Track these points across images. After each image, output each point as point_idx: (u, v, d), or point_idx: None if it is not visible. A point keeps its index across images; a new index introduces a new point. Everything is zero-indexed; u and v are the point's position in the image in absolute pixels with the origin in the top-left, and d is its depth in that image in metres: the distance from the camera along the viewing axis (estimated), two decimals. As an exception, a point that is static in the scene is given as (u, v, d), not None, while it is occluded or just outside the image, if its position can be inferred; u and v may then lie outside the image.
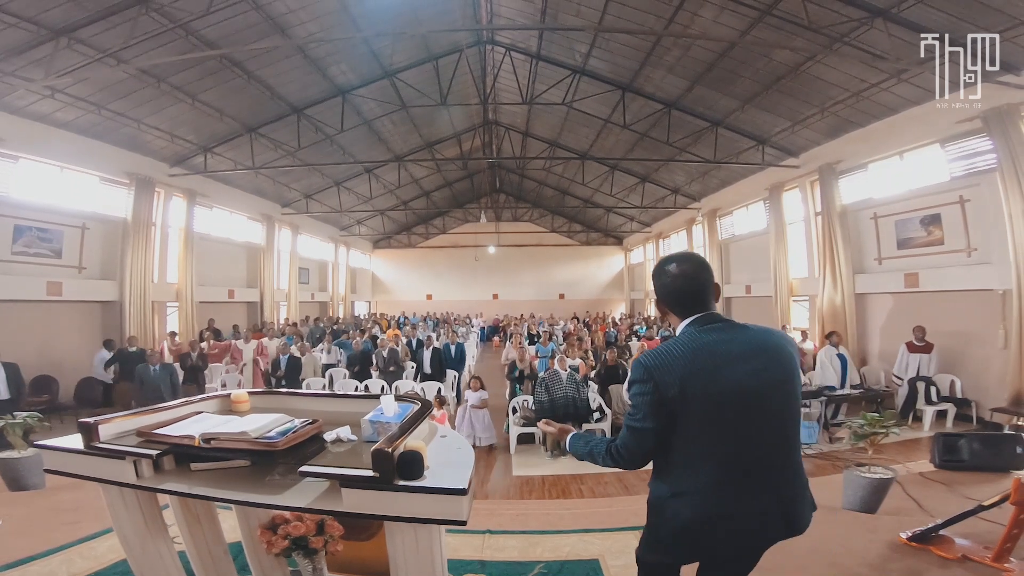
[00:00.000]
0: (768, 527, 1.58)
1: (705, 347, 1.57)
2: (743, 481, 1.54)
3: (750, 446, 1.54)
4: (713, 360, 1.54)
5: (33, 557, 3.38)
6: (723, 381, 1.52)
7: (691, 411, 1.52)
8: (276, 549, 2.27)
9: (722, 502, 1.54)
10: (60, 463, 2.02)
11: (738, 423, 1.53)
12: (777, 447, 1.59)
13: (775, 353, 1.61)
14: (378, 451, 1.61)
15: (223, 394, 2.61)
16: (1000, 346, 7.11)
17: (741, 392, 1.52)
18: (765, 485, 1.56)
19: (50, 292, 8.94)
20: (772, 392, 1.57)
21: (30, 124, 8.42)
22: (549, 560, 3.43)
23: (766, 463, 1.57)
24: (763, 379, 1.55)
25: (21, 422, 4.91)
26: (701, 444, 1.55)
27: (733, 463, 1.54)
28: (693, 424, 1.53)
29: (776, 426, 1.58)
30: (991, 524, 3.41)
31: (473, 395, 6.97)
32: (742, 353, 1.56)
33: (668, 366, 1.54)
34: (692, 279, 1.68)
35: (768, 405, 1.56)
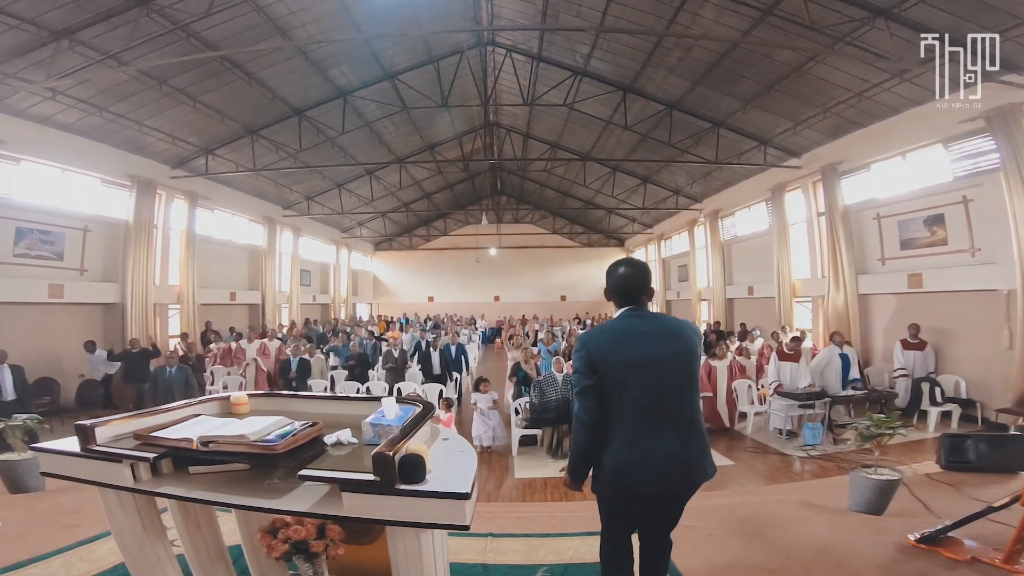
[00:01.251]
0: (674, 471, 2.01)
1: (625, 327, 2.11)
2: (653, 432, 2.01)
3: (657, 403, 2.02)
4: (629, 335, 2.07)
5: (33, 560, 3.35)
6: (635, 350, 2.03)
7: (612, 374, 2.01)
8: (276, 553, 2.24)
9: (638, 448, 2.00)
10: (57, 466, 1.99)
11: (646, 383, 2.01)
12: (678, 407, 2.06)
13: (677, 334, 2.12)
14: (379, 455, 1.58)
15: (222, 396, 2.58)
16: (1005, 346, 7.07)
17: (648, 359, 2.02)
18: (671, 436, 2.01)
19: (52, 294, 8.95)
20: (672, 361, 2.06)
21: (32, 126, 8.44)
22: (552, 563, 3.39)
23: (670, 418, 2.03)
24: (666, 350, 2.05)
25: (21, 424, 4.89)
26: (620, 402, 2.02)
27: (645, 417, 2.02)
28: (615, 385, 2.02)
29: (677, 388, 2.06)
30: (1000, 526, 3.37)
31: (483, 397, 6.93)
32: (651, 331, 2.09)
33: (597, 339, 2.11)
34: (631, 280, 2.20)
35: (669, 371, 2.04)
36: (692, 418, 2.10)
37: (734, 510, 4.23)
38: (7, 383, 6.98)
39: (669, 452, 2.00)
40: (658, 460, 1.99)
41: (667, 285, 20.43)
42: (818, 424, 6.80)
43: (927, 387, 7.44)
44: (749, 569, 3.20)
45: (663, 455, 1.99)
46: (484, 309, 24.65)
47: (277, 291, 16.43)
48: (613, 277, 2.26)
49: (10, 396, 6.94)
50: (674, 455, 2.00)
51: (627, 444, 2.01)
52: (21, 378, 7.16)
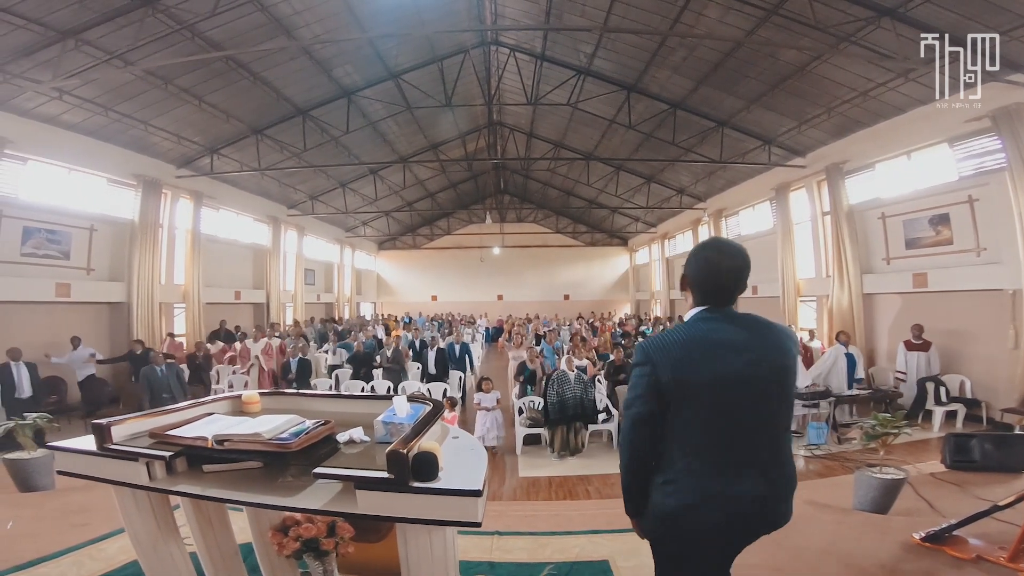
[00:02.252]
0: (755, 515, 1.59)
1: (702, 335, 1.61)
2: (733, 469, 1.56)
3: (738, 433, 1.56)
4: (708, 348, 1.58)
5: (44, 558, 3.38)
6: (716, 368, 1.55)
7: (683, 396, 1.55)
8: (287, 551, 2.26)
9: (710, 488, 1.55)
10: (73, 465, 2.02)
11: (728, 410, 1.55)
12: (765, 436, 1.61)
13: (772, 345, 1.63)
14: (393, 452, 1.60)
15: (234, 395, 2.60)
16: (1010, 346, 7.05)
17: (733, 380, 1.54)
18: (755, 473, 1.57)
19: (59, 293, 8.99)
20: (764, 382, 1.58)
21: (38, 126, 8.48)
22: (558, 561, 3.41)
23: (757, 451, 1.59)
24: (757, 369, 1.56)
25: (31, 423, 4.93)
26: (690, 430, 1.57)
27: (720, 449, 1.56)
28: (684, 410, 1.56)
29: (766, 415, 1.60)
30: (1006, 525, 3.37)
31: (486, 396, 6.95)
32: (738, 342, 1.58)
33: (667, 351, 1.59)
34: (727, 271, 1.66)
35: (759, 395, 1.57)
36: (782, 449, 1.67)
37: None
38: (24, 381, 7.07)
39: (752, 494, 1.56)
40: (735, 502, 1.55)
41: (671, 284, 20.41)
42: (823, 424, 6.80)
43: (932, 387, 7.43)
44: (755, 568, 3.20)
45: (743, 497, 1.55)
46: (487, 308, 24.67)
47: (282, 290, 16.48)
48: (701, 264, 1.69)
49: (27, 393, 7.05)
50: (758, 497, 1.57)
51: (695, 481, 1.56)
52: (35, 376, 7.27)
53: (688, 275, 1.73)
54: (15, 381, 7.01)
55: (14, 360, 7.10)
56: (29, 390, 7.08)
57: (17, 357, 7.12)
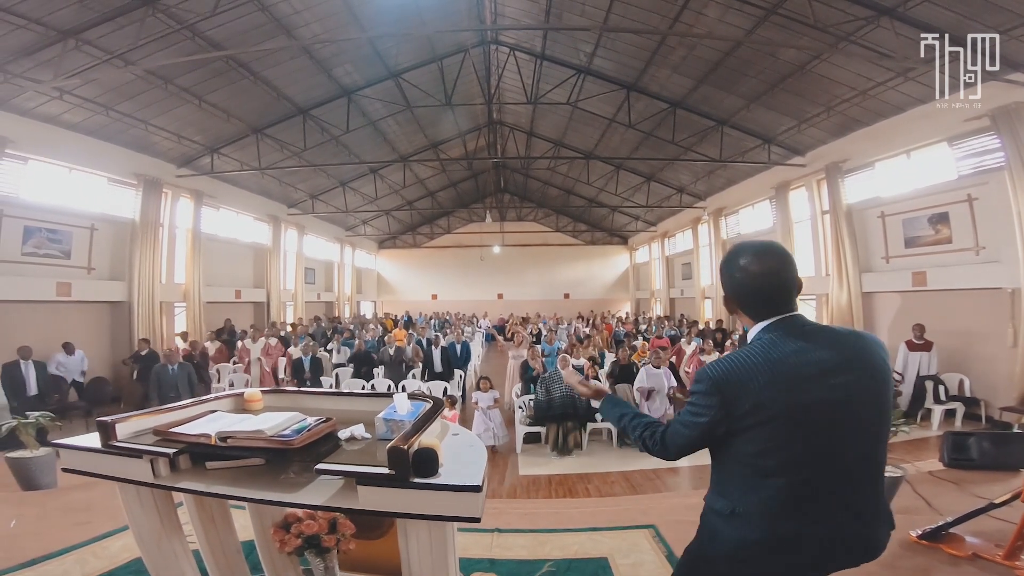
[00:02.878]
0: (835, 553, 1.41)
1: (786, 358, 1.37)
2: (814, 502, 1.36)
3: (829, 465, 1.36)
4: (796, 372, 1.36)
5: (47, 556, 3.40)
6: (807, 396, 1.34)
7: (766, 425, 1.34)
8: (289, 548, 2.28)
9: (788, 524, 1.36)
10: (77, 462, 2.03)
11: (819, 441, 1.35)
12: (860, 466, 1.41)
13: (867, 363, 1.42)
14: (394, 448, 1.62)
15: (236, 393, 2.62)
16: (1009, 345, 7.07)
17: (826, 407, 1.35)
18: (839, 506, 1.38)
19: (60, 293, 9.01)
20: (862, 407, 1.39)
21: (39, 126, 8.49)
22: (558, 558, 3.43)
23: (843, 483, 1.38)
24: (852, 392, 1.37)
25: (34, 422, 4.96)
26: (773, 460, 1.36)
27: (806, 483, 1.36)
28: (766, 438, 1.35)
29: (862, 443, 1.40)
30: (1002, 523, 3.39)
31: (484, 396, 6.97)
32: (829, 364, 1.37)
33: (741, 380, 1.37)
34: (771, 276, 1.46)
35: (856, 421, 1.38)
36: (874, 479, 1.45)
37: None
38: (31, 378, 7.13)
39: (833, 532, 1.38)
40: (813, 540, 1.37)
41: (671, 283, 20.44)
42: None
43: (931, 385, 7.44)
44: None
45: (824, 536, 1.37)
46: (487, 307, 24.69)
47: (282, 289, 16.51)
48: (737, 274, 1.49)
49: (34, 391, 7.14)
50: (840, 535, 1.39)
51: (766, 516, 1.38)
52: (44, 374, 7.34)
53: (729, 293, 1.54)
54: (24, 379, 7.06)
55: (24, 359, 7.16)
56: (36, 388, 7.14)
57: (28, 356, 7.19)
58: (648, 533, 3.75)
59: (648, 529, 3.81)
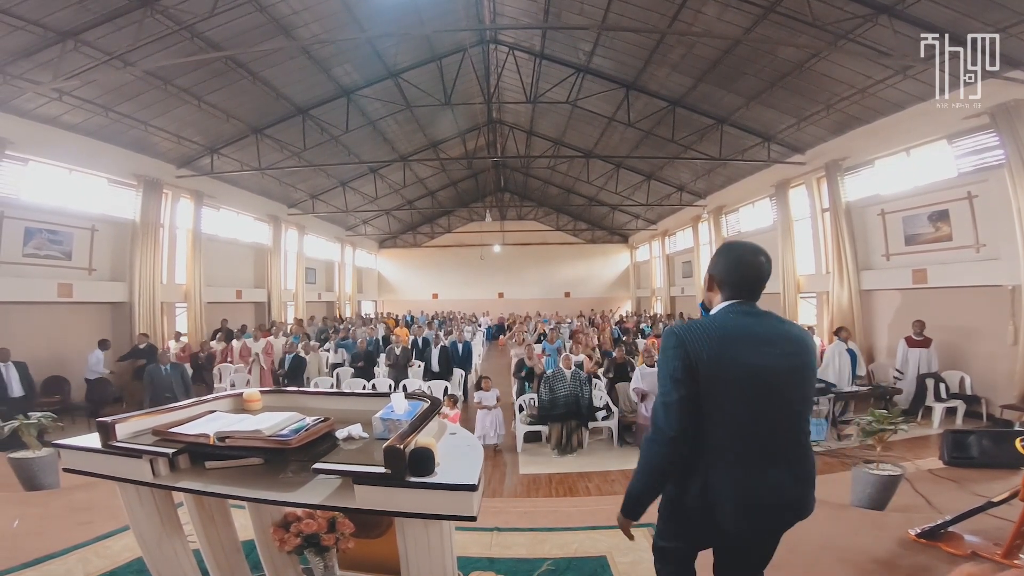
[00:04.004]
0: (782, 504, 1.63)
1: (734, 327, 1.64)
2: (760, 465, 1.58)
3: (767, 424, 1.59)
4: (742, 338, 1.61)
5: (50, 556, 3.42)
6: (749, 359, 1.58)
7: (714, 386, 1.56)
8: (288, 547, 2.30)
9: (739, 477, 1.57)
10: (78, 462, 2.05)
11: (758, 401, 1.57)
12: (791, 428, 1.65)
13: (798, 343, 1.67)
14: (390, 448, 1.64)
15: (235, 393, 2.64)
16: (1010, 342, 7.06)
17: (765, 371, 1.58)
18: (780, 462, 1.61)
19: (61, 294, 9.03)
20: (792, 376, 1.63)
21: (39, 127, 8.50)
22: (557, 557, 3.44)
23: (781, 442, 1.62)
24: (786, 363, 1.61)
25: (36, 422, 4.97)
26: (720, 420, 1.57)
27: (750, 440, 1.58)
28: (715, 399, 1.57)
29: (791, 409, 1.64)
30: (1001, 521, 3.40)
31: (486, 395, 6.98)
32: (768, 336, 1.63)
33: (699, 337, 1.60)
34: (757, 269, 1.71)
35: (787, 387, 1.62)
36: (803, 442, 1.70)
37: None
38: (14, 380, 7.09)
39: (780, 489, 1.60)
40: (764, 498, 1.59)
41: (671, 281, 20.43)
42: (822, 420, 6.82)
43: (932, 383, 7.44)
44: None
45: (772, 492, 1.60)
46: (488, 306, 24.70)
47: (283, 289, 16.52)
48: (730, 262, 1.75)
49: (18, 393, 7.06)
50: (785, 492, 1.62)
51: (722, 477, 1.59)
52: (26, 375, 7.27)
53: (717, 273, 1.77)
54: (5, 381, 7.02)
55: (3, 361, 7.07)
56: (20, 390, 7.08)
57: (6, 358, 7.09)
58: (647, 531, 3.73)
59: (647, 527, 3.80)
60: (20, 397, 6.99)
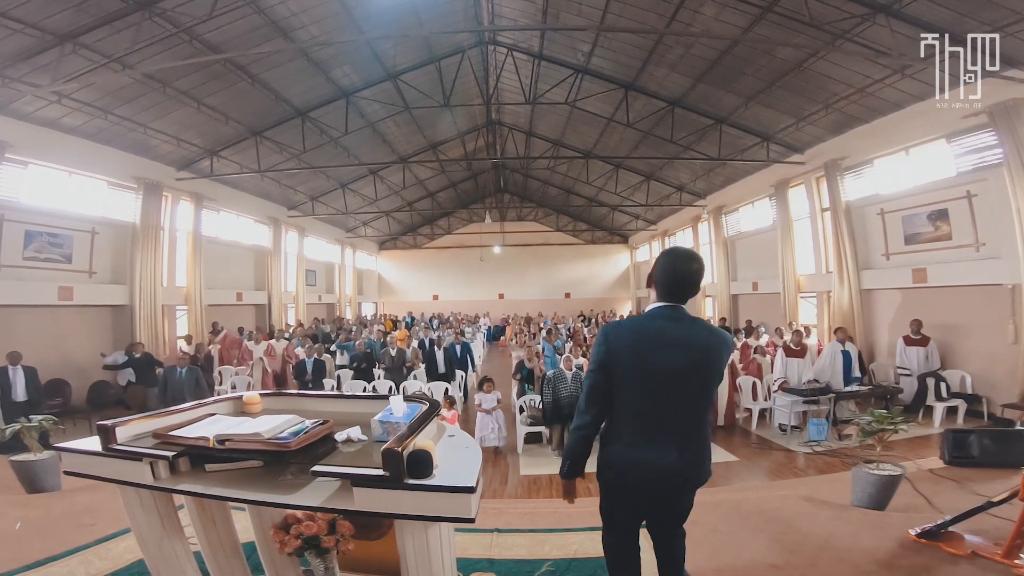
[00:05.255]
0: (670, 473, 1.97)
1: (651, 328, 1.99)
2: (654, 437, 1.96)
3: (662, 412, 1.95)
4: (652, 339, 1.96)
5: (52, 558, 3.42)
6: (653, 358, 1.92)
7: (621, 378, 1.96)
8: (288, 548, 2.29)
9: (638, 450, 1.97)
10: (79, 465, 2.05)
11: (656, 393, 1.94)
12: (684, 416, 1.98)
13: (703, 345, 1.97)
14: (388, 450, 1.64)
15: (235, 396, 2.64)
16: (1010, 341, 7.06)
17: (664, 370, 1.92)
18: (669, 442, 1.96)
19: (61, 297, 9.04)
20: (688, 376, 1.94)
21: (38, 130, 8.51)
22: (557, 558, 3.44)
23: (672, 426, 1.97)
24: (684, 364, 1.93)
25: (37, 425, 4.97)
26: (627, 405, 1.98)
27: (648, 423, 1.96)
28: (624, 387, 1.97)
29: (685, 401, 1.97)
30: (1001, 520, 3.39)
31: (487, 397, 6.97)
32: (678, 340, 1.95)
33: (620, 335, 1.99)
34: (685, 277, 2.00)
35: (682, 384, 1.94)
36: (695, 428, 2.03)
37: (738, 505, 4.27)
38: (19, 384, 7.09)
39: (665, 460, 1.95)
40: (653, 466, 1.96)
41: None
42: (823, 420, 6.82)
43: (932, 382, 7.44)
44: (752, 564, 3.24)
45: (659, 462, 1.95)
46: (489, 307, 24.71)
47: (283, 291, 16.54)
48: (665, 268, 2.03)
49: (21, 397, 7.04)
50: (669, 463, 1.96)
51: (626, 446, 1.99)
52: (34, 380, 7.27)
53: (654, 275, 2.06)
54: (11, 384, 7.03)
55: (12, 364, 7.09)
56: (24, 394, 7.07)
57: (16, 361, 7.12)
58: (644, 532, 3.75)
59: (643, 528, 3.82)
60: (23, 402, 6.97)
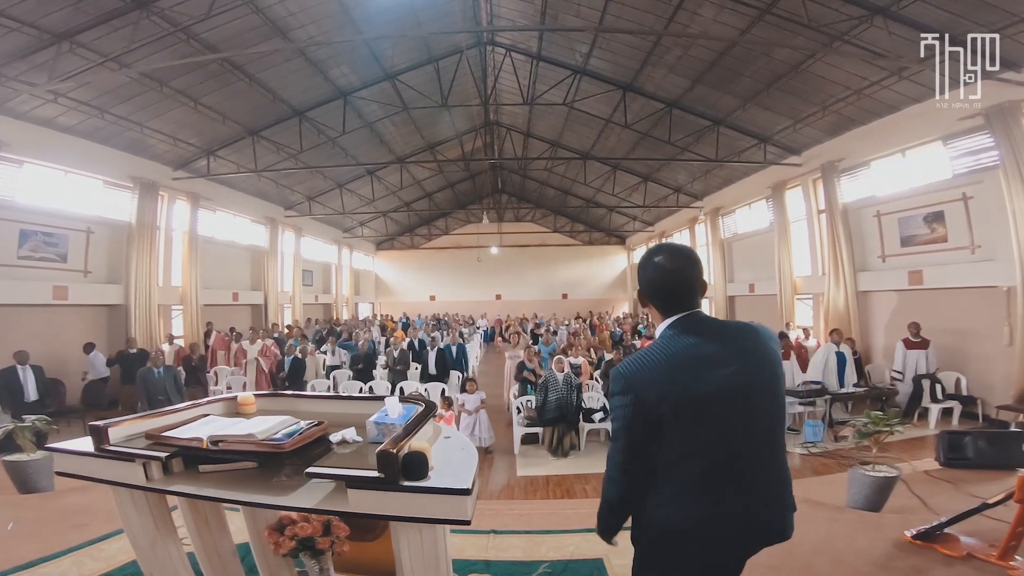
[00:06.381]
0: (748, 530, 1.52)
1: (683, 351, 1.50)
2: (723, 485, 1.48)
3: (730, 449, 1.48)
4: (692, 365, 1.48)
5: (44, 559, 3.41)
6: (702, 386, 1.46)
7: (670, 419, 1.45)
8: (283, 550, 2.29)
9: (702, 507, 1.47)
10: (71, 466, 2.04)
11: (718, 427, 1.46)
12: (760, 448, 1.52)
13: (754, 352, 1.54)
14: (383, 452, 1.63)
15: (229, 396, 2.63)
16: (1005, 343, 7.08)
17: (720, 395, 1.46)
18: (746, 487, 1.49)
19: (56, 296, 8.99)
20: (753, 393, 1.50)
21: (34, 129, 8.47)
22: (553, 559, 3.44)
23: (746, 466, 1.50)
24: (743, 380, 1.49)
25: (30, 425, 4.95)
26: (680, 451, 1.48)
27: (712, 467, 1.48)
28: (672, 431, 1.46)
29: (758, 427, 1.52)
30: (996, 522, 3.40)
31: (470, 398, 6.96)
32: (721, 356, 1.50)
33: (646, 378, 1.49)
34: (677, 274, 1.58)
35: (749, 406, 1.49)
36: (775, 460, 1.57)
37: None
38: (30, 384, 7.09)
39: (743, 510, 1.49)
40: (726, 519, 1.48)
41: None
42: (819, 421, 6.83)
43: (928, 384, 7.46)
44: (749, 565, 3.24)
45: (735, 514, 1.48)
46: (486, 308, 24.69)
47: (279, 291, 16.50)
48: (648, 273, 1.63)
49: (33, 396, 7.07)
50: (749, 513, 1.50)
51: (680, 502, 1.49)
52: (43, 378, 7.30)
53: (643, 289, 1.66)
54: (22, 384, 7.02)
55: (21, 364, 7.11)
56: (35, 393, 7.08)
57: (24, 360, 7.14)
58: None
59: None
60: (35, 401, 6.99)
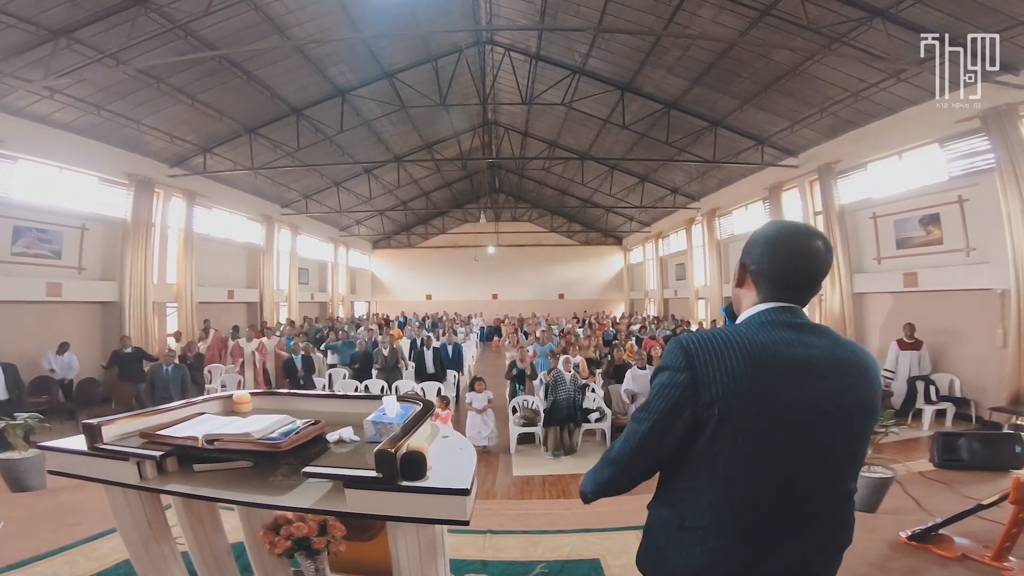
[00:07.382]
0: None
1: (772, 345, 1.13)
2: (778, 528, 1.14)
3: (803, 482, 1.14)
4: (783, 364, 1.12)
5: (36, 558, 3.38)
6: (793, 394, 1.10)
7: (734, 424, 1.09)
8: (279, 550, 2.28)
9: (746, 549, 1.13)
10: (63, 464, 2.02)
11: (796, 450, 1.11)
12: (832, 490, 1.19)
13: (862, 371, 1.19)
14: (381, 452, 1.62)
15: (225, 395, 2.61)
16: (999, 345, 7.12)
17: (814, 413, 1.12)
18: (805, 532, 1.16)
19: (50, 293, 8.93)
20: (851, 418, 1.16)
21: (29, 125, 8.41)
22: (550, 560, 3.44)
23: (816, 507, 1.17)
24: (845, 401, 1.15)
25: (22, 423, 4.91)
26: (737, 470, 1.11)
27: (772, 500, 1.13)
28: (732, 440, 1.10)
29: (841, 460, 1.19)
30: (990, 523, 3.42)
31: (478, 397, 6.95)
32: (824, 363, 1.14)
33: (717, 361, 1.11)
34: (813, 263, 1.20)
35: (841, 434, 1.16)
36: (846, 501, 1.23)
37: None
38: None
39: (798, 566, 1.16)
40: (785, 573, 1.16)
41: (665, 284, 20.49)
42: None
43: (922, 386, 7.49)
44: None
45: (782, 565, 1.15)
46: (482, 307, 24.68)
47: (275, 289, 16.43)
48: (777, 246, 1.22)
49: (2, 396, 6.87)
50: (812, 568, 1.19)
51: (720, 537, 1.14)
52: (14, 376, 7.10)
53: (754, 262, 1.24)
54: None
55: None
56: (4, 392, 6.92)
57: None
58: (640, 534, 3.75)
59: (640, 530, 3.81)
60: (5, 400, 6.78)
